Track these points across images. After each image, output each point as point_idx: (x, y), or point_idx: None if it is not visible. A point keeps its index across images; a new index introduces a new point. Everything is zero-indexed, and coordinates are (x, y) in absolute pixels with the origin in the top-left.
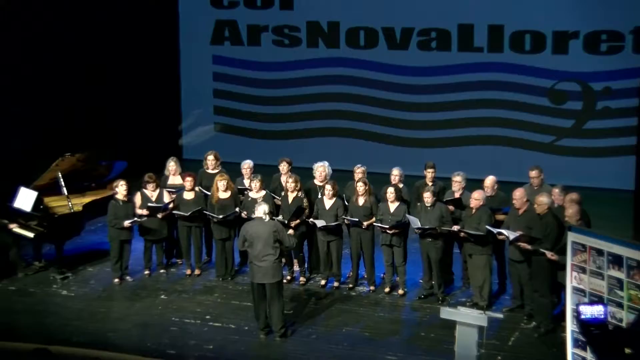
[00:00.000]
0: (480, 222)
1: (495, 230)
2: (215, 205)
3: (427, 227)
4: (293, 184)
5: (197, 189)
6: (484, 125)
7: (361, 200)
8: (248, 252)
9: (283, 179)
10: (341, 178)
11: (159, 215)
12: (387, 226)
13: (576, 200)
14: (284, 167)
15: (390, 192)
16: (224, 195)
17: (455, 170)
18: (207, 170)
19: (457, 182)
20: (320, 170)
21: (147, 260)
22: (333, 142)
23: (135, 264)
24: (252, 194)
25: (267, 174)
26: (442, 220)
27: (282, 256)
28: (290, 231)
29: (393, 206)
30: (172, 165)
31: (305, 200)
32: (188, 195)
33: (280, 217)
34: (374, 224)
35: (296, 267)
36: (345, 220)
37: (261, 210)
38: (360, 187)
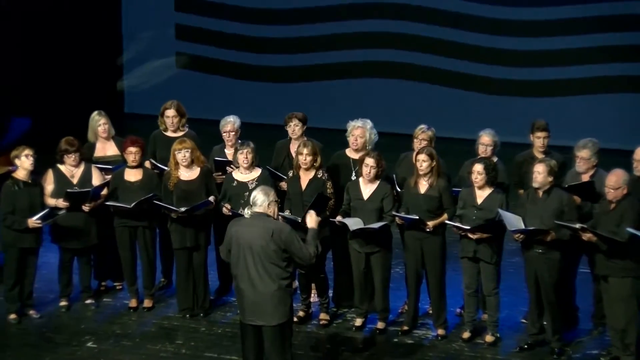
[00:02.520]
0: (622, 222)
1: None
2: (173, 191)
3: (535, 228)
4: (309, 157)
5: (146, 164)
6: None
7: (424, 185)
8: (232, 272)
9: (293, 148)
10: (389, 148)
11: (85, 208)
12: (469, 227)
13: None
14: (294, 128)
15: (478, 170)
16: (187, 174)
17: (570, 135)
18: (165, 133)
19: (584, 158)
20: (357, 133)
21: (65, 283)
22: (375, 87)
23: (46, 289)
24: (239, 174)
25: (265, 140)
26: (561, 218)
27: (292, 279)
28: (312, 221)
29: (481, 194)
30: (100, 124)
31: (329, 184)
32: (132, 175)
33: (287, 213)
34: (447, 223)
35: (314, 297)
36: (397, 218)
37: (259, 201)
38: (424, 162)
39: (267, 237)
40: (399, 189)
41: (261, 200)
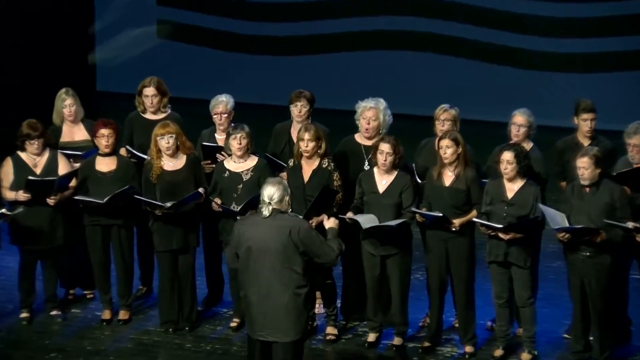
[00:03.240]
0: None
1: None
2: (155, 183)
3: (582, 227)
4: (312, 144)
5: (121, 151)
6: None
7: (449, 177)
8: (240, 279)
9: (295, 132)
10: (407, 133)
11: (50, 201)
12: (501, 226)
13: None
14: (301, 109)
15: (507, 159)
16: (171, 163)
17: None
18: (144, 116)
19: (637, 145)
20: (369, 115)
21: (27, 291)
22: (390, 61)
23: (4, 298)
24: (232, 163)
25: (262, 123)
26: (613, 216)
27: (315, 287)
28: (330, 222)
29: (511, 187)
30: (67, 105)
31: (336, 175)
32: (104, 165)
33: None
34: (476, 222)
35: (319, 308)
36: (418, 216)
37: (277, 196)
38: (448, 149)
39: (283, 237)
40: (419, 180)
41: (279, 195)
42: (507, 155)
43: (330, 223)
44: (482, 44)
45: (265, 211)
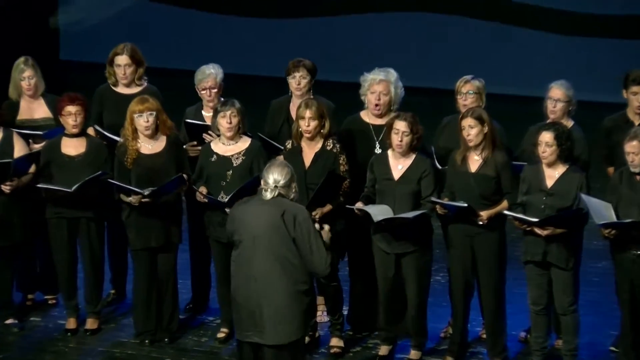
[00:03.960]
0: None
1: None
2: (131, 169)
3: (632, 221)
4: (314, 122)
5: (89, 131)
6: None
7: (475, 161)
8: (232, 272)
9: (295, 108)
10: (424, 109)
11: (5, 188)
12: (536, 219)
13: None
14: (300, 80)
15: (547, 141)
16: (149, 145)
17: None
18: (115, 89)
19: None
20: (379, 89)
21: None
22: (401, 24)
23: None
24: (221, 145)
25: (256, 98)
26: None
27: (312, 286)
28: (324, 233)
29: (552, 173)
30: (25, 77)
31: (342, 158)
32: (71, 147)
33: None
34: (507, 214)
35: (322, 315)
36: (438, 207)
37: (284, 180)
38: (471, 129)
39: (275, 218)
40: (439, 166)
41: (286, 180)
42: (547, 136)
43: (323, 234)
44: (516, 5)
45: (268, 194)
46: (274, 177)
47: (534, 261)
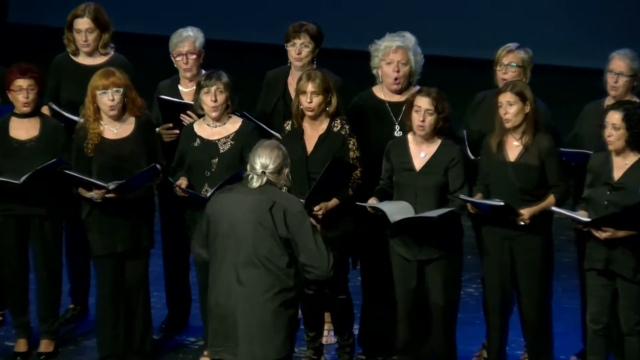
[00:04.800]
0: None
1: None
2: (92, 157)
3: None
4: (317, 99)
5: (44, 109)
6: None
7: (514, 148)
8: (210, 275)
9: (294, 82)
10: (451, 84)
11: None
12: (587, 219)
13: None
14: (301, 49)
15: (614, 122)
16: (115, 129)
17: None
18: (75, 59)
19: None
20: (397, 58)
21: None
22: None
23: None
24: (205, 127)
25: (247, 70)
26: None
27: (299, 295)
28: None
29: (620, 163)
30: None
31: (352, 142)
32: (22, 129)
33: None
34: (554, 211)
35: (328, 336)
36: (469, 205)
37: (273, 165)
38: (509, 107)
39: (262, 211)
40: (472, 156)
41: (276, 165)
42: (614, 117)
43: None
44: None
45: (255, 182)
46: (262, 161)
47: (597, 269)
